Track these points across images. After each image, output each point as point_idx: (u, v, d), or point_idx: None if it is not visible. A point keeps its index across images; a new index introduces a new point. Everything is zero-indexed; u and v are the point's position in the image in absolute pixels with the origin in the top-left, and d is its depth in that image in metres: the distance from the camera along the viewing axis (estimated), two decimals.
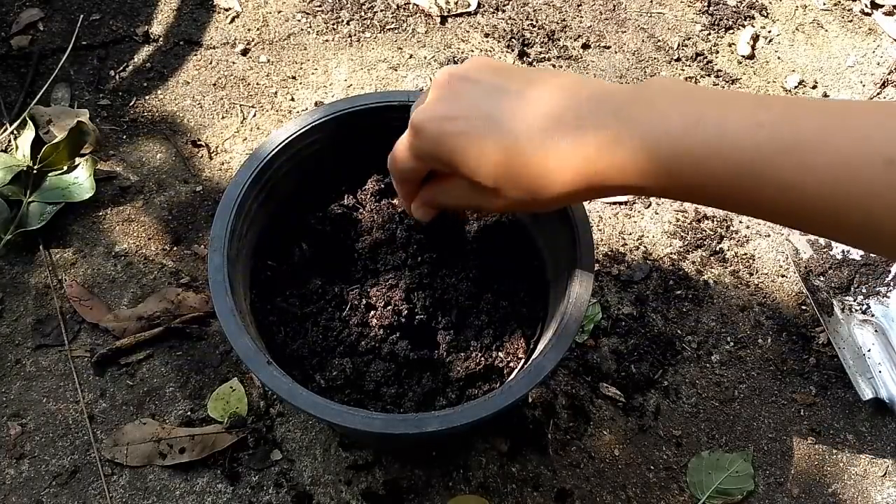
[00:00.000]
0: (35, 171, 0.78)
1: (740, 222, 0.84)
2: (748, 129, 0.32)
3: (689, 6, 1.02)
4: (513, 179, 0.39)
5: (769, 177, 0.32)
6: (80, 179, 0.79)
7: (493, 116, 0.39)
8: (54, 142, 0.78)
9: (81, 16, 0.92)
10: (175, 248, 0.78)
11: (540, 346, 0.53)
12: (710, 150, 0.33)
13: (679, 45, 0.97)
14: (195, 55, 0.91)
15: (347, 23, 0.95)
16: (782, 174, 0.32)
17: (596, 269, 0.73)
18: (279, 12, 0.96)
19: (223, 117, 0.87)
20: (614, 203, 0.84)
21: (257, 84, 0.89)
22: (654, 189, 0.36)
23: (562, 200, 0.39)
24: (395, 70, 0.92)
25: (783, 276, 0.81)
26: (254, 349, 0.48)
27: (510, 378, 0.55)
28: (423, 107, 0.42)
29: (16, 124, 0.82)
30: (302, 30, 0.94)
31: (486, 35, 0.96)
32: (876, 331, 0.76)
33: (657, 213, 0.83)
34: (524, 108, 0.38)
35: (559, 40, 0.96)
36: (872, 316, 0.77)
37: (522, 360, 0.57)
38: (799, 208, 0.32)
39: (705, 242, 0.82)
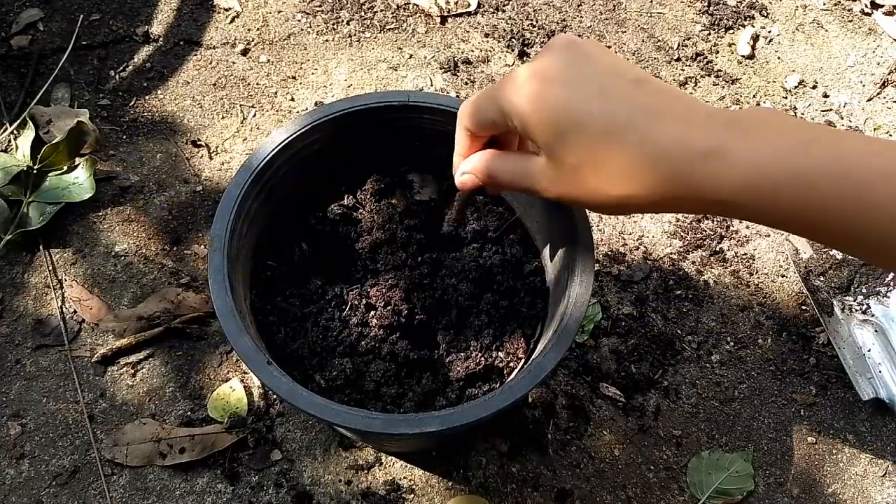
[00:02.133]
0: (35, 172, 0.78)
1: (740, 222, 0.84)
2: (864, 155, 0.32)
3: (689, 6, 1.02)
4: (599, 164, 0.37)
5: (883, 204, 0.31)
6: (80, 179, 0.79)
7: (602, 95, 0.37)
8: (54, 142, 0.78)
9: (81, 16, 0.92)
10: (175, 248, 0.78)
11: (540, 346, 0.53)
12: (825, 170, 0.32)
13: (679, 45, 0.97)
14: (195, 55, 0.91)
15: (347, 23, 0.95)
16: (875, 200, 0.31)
17: (596, 269, 0.73)
18: (279, 12, 0.96)
19: (223, 117, 0.87)
20: None
21: (257, 84, 0.89)
22: (748, 208, 0.34)
23: (637, 205, 0.38)
24: (395, 70, 0.92)
25: (783, 276, 0.81)
26: (254, 349, 0.48)
27: (510, 378, 0.55)
28: (532, 62, 0.40)
29: (16, 124, 0.82)
30: (302, 30, 0.94)
31: (486, 35, 0.96)
32: (876, 331, 0.76)
33: (657, 214, 0.83)
34: (635, 97, 0.37)
35: None
36: (872, 316, 0.77)
37: (522, 360, 0.57)
38: (863, 238, 0.32)
39: (705, 242, 0.82)
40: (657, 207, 0.37)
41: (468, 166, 0.45)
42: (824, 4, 1.03)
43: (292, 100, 0.89)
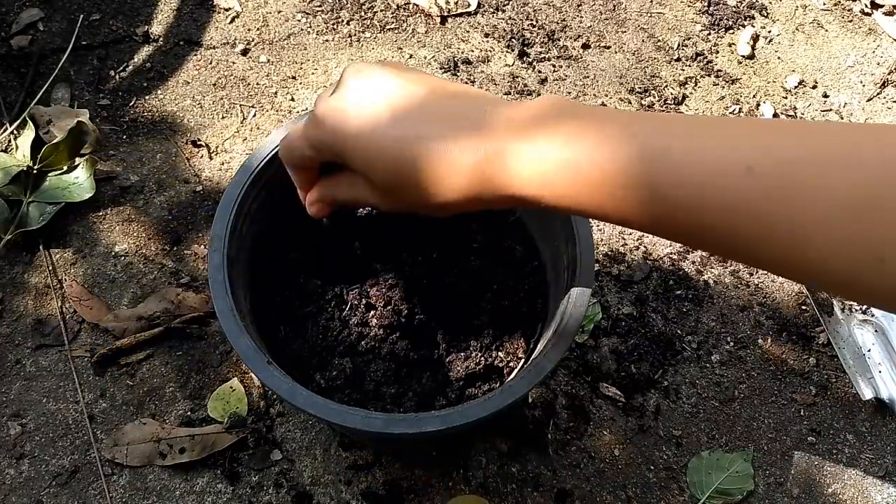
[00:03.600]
0: (35, 172, 0.78)
1: None
2: (622, 139, 0.33)
3: (689, 6, 1.02)
4: (406, 180, 0.39)
5: (642, 185, 0.33)
6: (80, 179, 0.79)
7: (394, 116, 0.39)
8: (54, 142, 0.78)
9: (81, 16, 0.92)
10: (175, 248, 0.78)
11: (540, 346, 0.53)
12: (588, 160, 0.34)
13: (679, 45, 0.97)
14: (195, 55, 0.91)
15: (347, 23, 0.95)
16: (652, 182, 0.32)
17: (596, 269, 0.73)
18: (279, 12, 0.96)
19: (223, 117, 0.87)
20: None
21: (257, 84, 0.89)
22: (542, 198, 0.36)
23: (453, 206, 0.39)
24: None
25: None
26: (254, 349, 0.48)
27: (510, 378, 0.55)
28: (327, 97, 0.42)
29: (16, 124, 0.82)
30: (302, 30, 0.94)
31: (486, 35, 0.96)
32: (876, 331, 0.76)
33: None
34: (425, 111, 0.39)
35: (559, 40, 0.96)
36: (872, 316, 0.77)
37: (522, 360, 0.57)
38: (669, 217, 0.33)
39: None
40: (474, 206, 0.39)
41: (313, 197, 0.47)
42: (824, 4, 1.03)
43: (292, 100, 0.89)
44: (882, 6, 1.03)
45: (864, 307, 0.78)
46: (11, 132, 0.82)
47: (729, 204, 0.31)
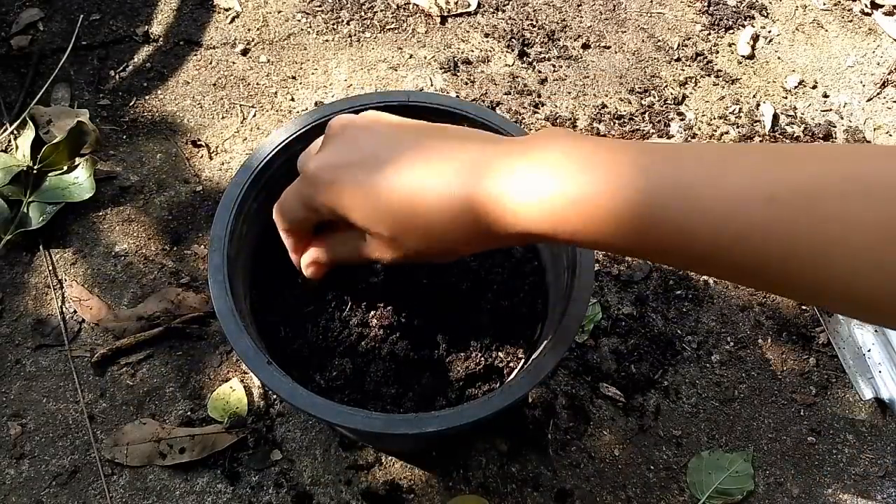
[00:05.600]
0: (35, 171, 0.78)
1: None
2: (635, 171, 0.33)
3: (689, 6, 1.02)
4: (410, 227, 0.38)
5: (658, 217, 0.32)
6: (80, 179, 0.79)
7: (390, 163, 0.38)
8: (54, 142, 0.78)
9: (81, 16, 0.92)
10: (175, 248, 0.78)
11: (540, 346, 0.53)
12: (601, 193, 0.33)
13: (679, 45, 0.97)
14: (195, 55, 0.91)
15: (347, 23, 0.95)
16: (669, 214, 0.32)
17: (596, 269, 0.73)
18: (279, 12, 0.96)
19: (223, 117, 0.87)
20: None
21: (257, 84, 0.89)
22: (555, 233, 0.35)
23: (457, 249, 0.39)
24: (395, 70, 0.92)
25: None
26: (254, 349, 0.48)
27: (510, 378, 0.55)
28: (316, 154, 0.41)
29: (16, 124, 0.82)
30: (302, 30, 0.94)
31: (486, 35, 0.96)
32: (876, 331, 0.76)
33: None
34: (421, 156, 0.38)
35: (559, 40, 0.96)
36: None
37: (522, 360, 0.57)
38: (686, 248, 0.32)
39: None
40: (483, 245, 0.39)
41: (308, 259, 0.46)
42: (824, 4, 1.03)
43: (292, 100, 0.89)
44: (882, 6, 1.03)
45: None
46: (11, 132, 0.82)
47: (750, 234, 0.30)
